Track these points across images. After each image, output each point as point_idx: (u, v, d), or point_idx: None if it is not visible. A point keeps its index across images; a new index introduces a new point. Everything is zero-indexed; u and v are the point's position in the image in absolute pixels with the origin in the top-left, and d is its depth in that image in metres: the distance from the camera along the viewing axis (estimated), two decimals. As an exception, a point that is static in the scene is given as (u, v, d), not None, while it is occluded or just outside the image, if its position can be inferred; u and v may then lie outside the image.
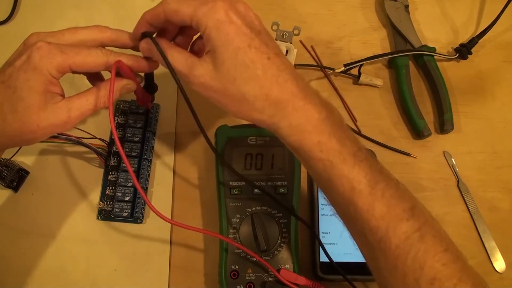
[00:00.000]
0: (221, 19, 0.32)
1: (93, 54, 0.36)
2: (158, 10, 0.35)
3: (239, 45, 0.32)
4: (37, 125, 0.34)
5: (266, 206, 0.43)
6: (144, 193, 0.39)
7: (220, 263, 0.43)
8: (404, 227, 0.30)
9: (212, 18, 0.32)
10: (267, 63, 0.32)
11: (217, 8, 0.32)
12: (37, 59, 0.34)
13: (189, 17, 0.33)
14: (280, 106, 0.32)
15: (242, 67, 0.32)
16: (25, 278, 0.44)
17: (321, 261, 0.45)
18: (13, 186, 0.46)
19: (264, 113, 0.33)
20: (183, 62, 0.35)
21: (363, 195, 0.31)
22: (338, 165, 0.32)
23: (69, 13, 0.54)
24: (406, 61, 0.53)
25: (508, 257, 0.48)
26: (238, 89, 0.32)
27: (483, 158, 0.52)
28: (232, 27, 0.32)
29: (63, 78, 0.36)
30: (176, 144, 0.50)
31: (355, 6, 0.57)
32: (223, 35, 0.32)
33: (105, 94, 0.37)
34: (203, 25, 0.32)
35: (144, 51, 0.37)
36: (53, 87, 0.35)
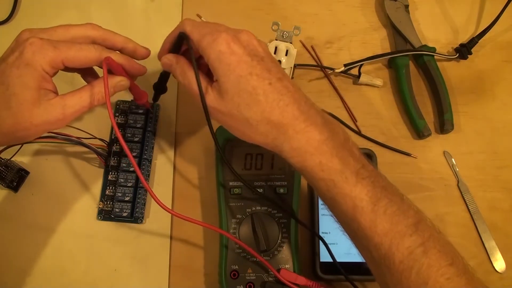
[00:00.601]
0: (223, 50, 0.34)
1: (86, 49, 0.36)
2: (176, 32, 0.38)
3: (241, 74, 0.34)
4: (30, 122, 0.34)
5: (266, 206, 0.43)
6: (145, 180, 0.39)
7: (220, 263, 0.43)
8: (407, 242, 0.31)
9: (215, 49, 0.34)
10: (269, 88, 0.34)
11: (220, 40, 0.34)
12: (29, 55, 0.34)
13: (196, 44, 0.36)
14: (282, 130, 0.34)
15: (245, 94, 0.34)
16: (25, 278, 0.44)
17: (321, 261, 0.45)
18: (13, 186, 0.46)
19: (267, 136, 0.34)
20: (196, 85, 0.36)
21: (365, 212, 0.32)
22: (340, 184, 0.33)
23: (69, 13, 0.54)
24: (406, 61, 0.53)
25: (508, 257, 0.48)
26: (242, 114, 0.34)
27: (483, 158, 0.52)
28: (233, 58, 0.34)
29: (63, 78, 0.36)
30: (176, 144, 0.50)
31: (355, 6, 0.57)
32: (225, 65, 0.34)
33: (99, 91, 0.37)
34: (206, 55, 0.35)
35: (164, 66, 0.40)
36: (46, 83, 0.35)
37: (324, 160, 0.33)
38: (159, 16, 0.54)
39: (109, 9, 0.54)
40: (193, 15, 0.55)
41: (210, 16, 0.54)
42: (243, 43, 0.35)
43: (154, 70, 0.52)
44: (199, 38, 0.35)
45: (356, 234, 0.33)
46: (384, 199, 0.32)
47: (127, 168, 0.47)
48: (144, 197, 0.47)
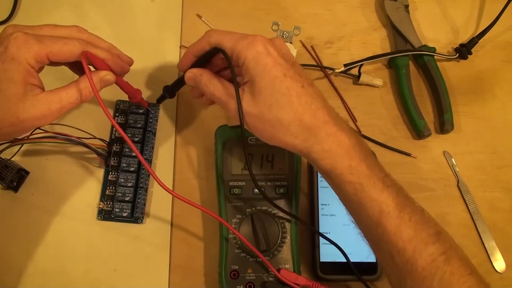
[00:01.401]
0: (259, 51, 0.35)
1: (70, 43, 0.36)
2: (203, 43, 0.38)
3: (276, 74, 0.35)
4: (16, 117, 0.34)
5: (266, 206, 0.43)
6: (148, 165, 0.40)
7: (220, 263, 0.43)
8: (430, 250, 0.32)
9: (251, 50, 0.35)
10: (301, 91, 0.35)
11: (256, 41, 0.35)
12: (14, 49, 0.34)
13: (230, 50, 0.36)
14: (314, 131, 0.35)
15: (278, 94, 0.34)
16: (25, 278, 0.44)
17: (321, 261, 0.45)
18: (13, 186, 0.45)
19: (298, 137, 0.35)
20: (222, 91, 0.38)
21: (391, 217, 0.33)
22: (368, 188, 0.34)
23: (69, 13, 0.54)
24: (406, 61, 0.53)
25: (508, 257, 0.48)
26: (274, 114, 0.35)
27: (483, 158, 0.52)
28: (270, 58, 0.35)
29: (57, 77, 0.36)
30: (176, 144, 0.50)
31: (355, 6, 0.57)
32: (261, 65, 0.35)
33: (85, 86, 0.37)
34: (242, 57, 0.35)
35: (189, 80, 0.40)
36: (32, 78, 0.35)
37: (354, 164, 0.34)
38: (159, 16, 0.54)
39: (109, 9, 0.54)
40: (193, 15, 0.55)
41: (210, 16, 0.54)
42: (277, 47, 0.36)
43: (156, 68, 0.52)
44: (233, 43, 0.36)
45: (380, 239, 0.34)
46: (408, 207, 0.34)
47: (127, 168, 0.47)
48: (144, 197, 0.47)
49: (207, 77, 0.39)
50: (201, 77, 0.39)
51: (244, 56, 0.35)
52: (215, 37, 0.37)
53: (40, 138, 0.43)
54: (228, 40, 0.36)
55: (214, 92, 0.38)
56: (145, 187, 0.47)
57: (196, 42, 0.39)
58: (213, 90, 0.38)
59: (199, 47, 0.39)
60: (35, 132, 0.43)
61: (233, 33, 0.37)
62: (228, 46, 0.36)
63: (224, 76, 0.40)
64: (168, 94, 0.46)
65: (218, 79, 0.39)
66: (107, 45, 0.40)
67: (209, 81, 0.38)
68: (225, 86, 0.38)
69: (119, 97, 0.49)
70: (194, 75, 0.40)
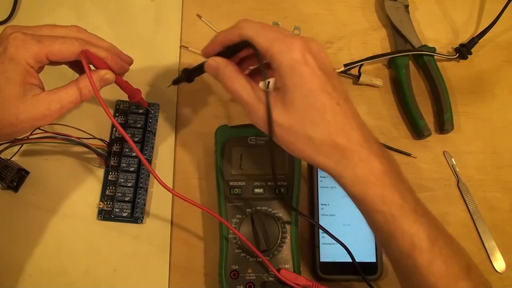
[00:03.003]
0: (296, 59, 0.32)
1: (69, 42, 0.36)
2: (234, 33, 0.35)
3: (312, 88, 0.32)
4: (16, 117, 0.34)
5: (266, 206, 0.43)
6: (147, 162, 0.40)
7: (220, 263, 0.43)
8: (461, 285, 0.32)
9: (288, 57, 0.32)
10: (337, 109, 0.32)
11: (294, 47, 0.32)
12: (13, 49, 0.34)
13: (263, 49, 0.33)
14: (346, 154, 0.32)
15: (313, 110, 0.32)
16: (25, 278, 0.44)
17: (321, 261, 0.45)
18: (13, 186, 0.45)
19: (329, 158, 0.33)
20: (250, 92, 0.34)
21: (424, 251, 0.32)
22: (399, 219, 0.32)
23: (69, 13, 0.54)
24: (406, 61, 0.53)
25: (508, 257, 0.48)
26: (305, 131, 0.32)
27: (483, 158, 0.52)
28: (307, 69, 0.32)
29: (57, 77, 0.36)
30: (176, 144, 0.50)
31: (355, 6, 0.57)
32: (297, 75, 0.32)
33: (85, 85, 0.37)
34: (277, 61, 0.33)
35: (209, 68, 0.37)
36: (32, 78, 0.35)
37: (386, 192, 0.32)
38: (159, 16, 0.54)
39: (109, 9, 0.54)
40: (193, 15, 0.55)
41: (210, 16, 0.54)
42: (315, 54, 0.33)
43: (156, 67, 0.52)
44: (268, 43, 0.33)
45: (409, 271, 0.33)
46: (440, 240, 0.32)
47: (127, 168, 0.47)
48: (144, 197, 0.47)
49: (232, 71, 0.35)
50: (225, 69, 0.36)
51: (279, 61, 0.33)
52: (248, 30, 0.34)
53: (40, 138, 0.43)
54: (262, 38, 0.33)
55: (240, 91, 0.34)
56: (145, 187, 0.47)
57: (226, 31, 0.36)
58: (239, 89, 0.35)
59: (228, 36, 0.35)
60: (35, 132, 0.43)
61: (269, 29, 0.34)
62: (262, 44, 0.33)
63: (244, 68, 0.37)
64: (186, 78, 0.43)
65: (245, 77, 0.35)
66: (106, 44, 0.40)
67: (235, 77, 0.35)
68: (253, 87, 0.35)
69: (119, 97, 0.49)
70: (217, 65, 0.36)
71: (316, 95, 0.32)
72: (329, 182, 0.47)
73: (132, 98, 0.44)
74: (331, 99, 0.32)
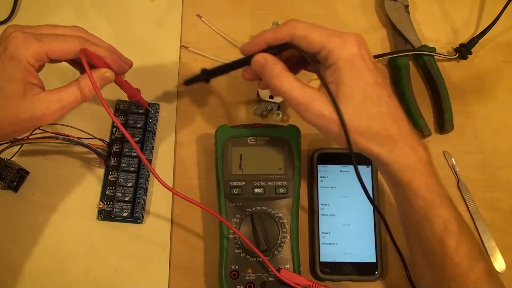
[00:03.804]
0: (356, 53, 0.33)
1: (69, 40, 0.36)
2: (284, 32, 0.35)
3: (368, 81, 0.34)
4: (17, 117, 0.34)
5: (266, 206, 0.43)
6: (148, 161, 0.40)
7: (220, 263, 0.43)
8: (479, 266, 0.35)
9: (347, 51, 0.33)
10: (389, 100, 0.34)
11: (352, 41, 0.34)
12: (13, 48, 0.34)
13: (319, 45, 0.34)
14: (399, 144, 0.34)
15: (369, 103, 0.34)
16: (25, 278, 0.44)
17: (321, 261, 0.45)
18: (13, 186, 0.46)
19: (383, 147, 0.34)
20: (301, 90, 0.35)
21: (453, 235, 0.35)
22: (438, 205, 0.35)
23: (69, 13, 0.54)
24: (406, 61, 0.53)
25: (508, 257, 0.48)
26: (363, 123, 0.34)
27: (483, 158, 0.51)
28: (364, 63, 0.34)
29: (58, 77, 0.36)
30: (176, 144, 0.50)
31: (355, 6, 0.57)
32: (355, 69, 0.33)
33: (86, 85, 0.37)
34: (335, 55, 0.33)
35: (256, 65, 0.37)
36: (32, 77, 0.35)
37: (429, 180, 0.35)
38: (159, 16, 0.54)
39: (109, 9, 0.54)
40: (193, 15, 0.55)
41: (210, 16, 0.54)
42: (365, 47, 0.35)
43: (156, 68, 0.52)
44: (324, 38, 0.34)
45: (437, 252, 0.36)
46: (463, 225, 0.36)
47: (127, 168, 0.47)
48: (144, 197, 0.47)
49: (281, 69, 0.35)
50: (274, 66, 0.35)
51: (338, 56, 0.33)
52: (301, 30, 0.34)
53: (40, 138, 0.43)
54: (318, 34, 0.34)
55: (291, 89, 0.35)
56: (145, 187, 0.47)
57: (274, 30, 0.36)
58: (289, 87, 0.35)
59: (278, 35, 0.36)
60: (35, 132, 0.43)
61: (321, 27, 0.35)
62: (318, 40, 0.34)
63: None
64: (205, 78, 0.42)
65: (293, 75, 0.35)
66: (106, 45, 0.40)
67: (283, 74, 0.35)
68: (302, 85, 0.35)
69: (119, 97, 0.49)
70: (266, 61, 0.36)
71: (373, 88, 0.34)
72: (329, 182, 0.47)
73: (131, 98, 0.44)
74: (385, 91, 0.34)
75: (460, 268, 0.35)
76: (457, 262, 0.35)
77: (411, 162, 0.34)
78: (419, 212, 0.35)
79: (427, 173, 0.35)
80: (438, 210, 0.35)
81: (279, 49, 0.36)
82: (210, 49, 0.53)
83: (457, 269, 0.35)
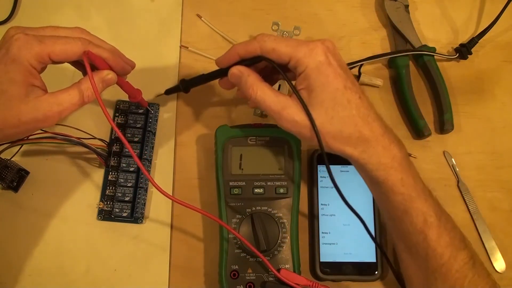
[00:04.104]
0: (322, 60, 0.35)
1: (72, 42, 0.36)
2: (254, 46, 0.37)
3: (337, 86, 0.35)
4: (18, 119, 0.34)
5: (266, 206, 0.43)
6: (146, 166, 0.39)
7: (220, 263, 0.43)
8: (462, 255, 0.37)
9: (314, 59, 0.35)
10: (359, 102, 0.36)
11: (318, 50, 0.35)
12: (15, 50, 0.34)
13: (288, 56, 0.36)
14: (371, 144, 0.36)
15: (340, 107, 0.35)
16: (25, 278, 0.44)
17: (321, 261, 0.45)
18: (13, 186, 0.46)
19: (356, 149, 0.36)
20: (274, 99, 0.37)
21: (433, 227, 0.37)
22: (415, 199, 0.37)
23: (69, 13, 0.54)
24: (406, 61, 0.53)
25: (508, 257, 0.48)
26: (335, 127, 0.35)
27: (483, 158, 0.51)
28: (331, 69, 0.35)
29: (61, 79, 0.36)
30: (176, 144, 0.50)
31: (355, 6, 0.57)
32: (323, 76, 0.35)
33: (87, 87, 0.37)
34: (303, 64, 0.35)
35: (232, 76, 0.39)
36: (34, 79, 0.35)
37: (405, 176, 0.37)
38: (159, 16, 0.54)
39: (109, 9, 0.54)
40: (193, 15, 0.55)
41: (210, 16, 0.54)
42: (332, 53, 0.36)
43: (156, 68, 0.52)
44: (291, 50, 0.35)
45: (418, 243, 0.37)
46: (443, 216, 0.38)
47: (127, 168, 0.47)
48: (144, 197, 0.47)
49: (255, 80, 0.37)
50: (248, 77, 0.38)
51: (305, 65, 0.35)
52: (270, 43, 0.36)
53: (40, 138, 0.43)
54: (285, 46, 0.36)
55: (265, 98, 0.37)
56: (145, 187, 0.47)
57: (247, 43, 0.38)
58: (263, 96, 0.37)
59: (249, 49, 0.37)
60: (35, 132, 0.43)
61: (288, 39, 0.37)
62: (285, 51, 0.36)
63: None
64: (184, 88, 0.45)
65: (266, 85, 0.37)
66: (109, 47, 0.40)
67: (257, 85, 0.37)
68: (276, 93, 0.37)
69: (119, 97, 0.49)
70: (241, 74, 0.38)
71: (342, 93, 0.35)
72: (329, 182, 0.47)
73: (132, 99, 0.44)
74: (354, 94, 0.36)
75: (443, 258, 0.36)
76: (439, 253, 0.36)
77: (384, 161, 0.36)
78: (398, 208, 0.37)
79: (401, 170, 0.36)
80: (416, 204, 0.36)
81: (252, 61, 0.38)
82: (210, 49, 0.53)
83: (440, 260, 0.36)
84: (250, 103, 0.39)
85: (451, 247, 0.36)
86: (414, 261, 0.39)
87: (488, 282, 0.37)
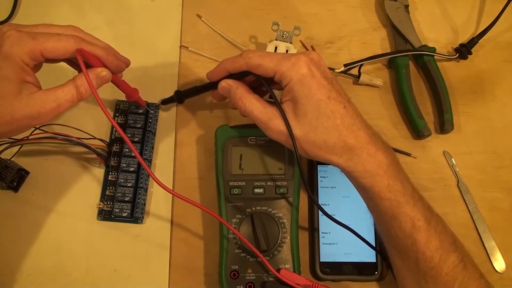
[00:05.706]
0: (305, 73, 0.36)
1: (64, 39, 0.36)
2: (241, 62, 0.38)
3: (321, 98, 0.36)
4: (12, 116, 0.34)
5: (266, 206, 0.43)
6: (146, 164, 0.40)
7: (220, 263, 0.43)
8: (452, 258, 0.37)
9: (297, 72, 0.36)
10: (344, 112, 0.37)
11: (301, 63, 0.36)
12: (8, 47, 0.34)
13: (273, 70, 0.37)
14: (356, 152, 0.37)
15: (324, 117, 0.36)
16: (25, 278, 0.44)
17: (321, 261, 0.45)
18: (13, 186, 0.46)
19: (342, 157, 0.37)
20: (262, 110, 0.38)
21: (422, 231, 0.37)
22: (403, 204, 0.37)
23: (69, 13, 0.54)
24: (406, 61, 0.53)
25: (508, 257, 0.48)
26: (319, 137, 0.37)
27: (483, 158, 0.51)
28: (314, 81, 0.36)
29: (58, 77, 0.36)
30: (176, 144, 0.50)
31: (355, 6, 0.57)
32: (306, 88, 0.36)
33: (82, 83, 0.37)
34: (287, 78, 0.36)
35: (222, 90, 0.41)
36: (27, 76, 0.35)
37: (391, 182, 0.37)
38: (159, 16, 0.54)
39: (109, 9, 0.54)
40: (193, 15, 0.55)
41: (210, 16, 0.54)
42: (317, 64, 0.37)
43: (156, 68, 0.52)
44: (275, 64, 0.37)
45: (408, 248, 0.38)
46: (433, 220, 0.38)
47: (127, 168, 0.47)
48: (144, 197, 0.47)
49: (244, 92, 0.39)
50: (236, 90, 0.39)
51: (289, 78, 0.36)
52: (255, 59, 0.38)
53: (40, 138, 0.43)
54: (269, 61, 0.37)
55: (252, 110, 0.38)
56: (145, 187, 0.47)
57: (233, 59, 0.39)
58: (251, 108, 0.38)
59: (236, 65, 0.39)
60: (35, 132, 0.43)
61: (272, 53, 0.38)
62: (269, 66, 0.37)
63: None
64: (178, 98, 0.48)
65: (255, 96, 0.39)
66: (103, 44, 0.40)
67: (245, 97, 0.39)
68: (264, 104, 0.38)
69: (119, 97, 0.49)
70: (230, 87, 0.40)
71: (326, 104, 0.36)
72: (329, 182, 0.47)
73: (129, 97, 0.44)
74: (338, 104, 0.36)
75: (432, 261, 0.37)
76: (429, 256, 0.37)
77: (370, 168, 0.37)
78: (386, 213, 0.38)
79: (387, 176, 0.37)
80: (403, 209, 0.37)
81: (240, 75, 0.40)
82: (210, 49, 0.53)
83: (430, 263, 0.37)
84: (240, 113, 0.40)
85: (440, 250, 0.37)
86: (405, 265, 0.39)
87: (479, 284, 0.37)
